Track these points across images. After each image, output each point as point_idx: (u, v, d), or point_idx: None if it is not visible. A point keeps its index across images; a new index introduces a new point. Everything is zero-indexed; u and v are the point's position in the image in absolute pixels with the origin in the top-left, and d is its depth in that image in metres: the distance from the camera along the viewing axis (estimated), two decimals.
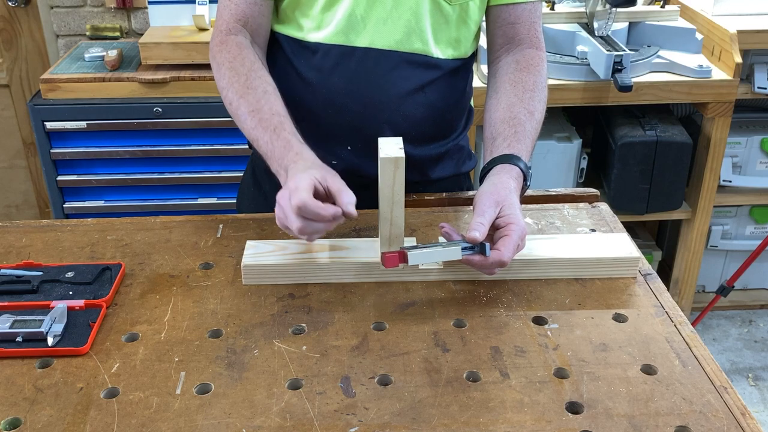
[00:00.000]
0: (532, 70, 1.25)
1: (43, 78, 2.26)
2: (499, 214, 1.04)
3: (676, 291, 2.64)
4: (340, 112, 1.24)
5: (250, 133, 1.13)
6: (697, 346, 0.96)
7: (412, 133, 1.26)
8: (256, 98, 1.14)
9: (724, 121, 2.34)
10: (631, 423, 0.84)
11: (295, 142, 1.09)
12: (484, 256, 1.01)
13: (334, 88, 1.23)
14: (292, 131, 1.11)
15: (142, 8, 2.65)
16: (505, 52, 1.29)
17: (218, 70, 1.20)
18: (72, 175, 2.36)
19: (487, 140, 1.20)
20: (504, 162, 1.13)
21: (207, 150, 2.34)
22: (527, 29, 1.28)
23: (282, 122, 1.11)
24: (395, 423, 0.84)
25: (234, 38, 1.21)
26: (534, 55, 1.27)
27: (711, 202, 2.47)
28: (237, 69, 1.17)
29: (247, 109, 1.14)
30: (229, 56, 1.19)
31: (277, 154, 1.08)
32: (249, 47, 1.21)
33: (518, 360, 0.94)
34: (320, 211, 0.97)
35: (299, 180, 0.99)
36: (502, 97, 1.23)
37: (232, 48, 1.20)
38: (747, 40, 2.32)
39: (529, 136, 1.18)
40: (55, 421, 0.85)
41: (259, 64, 1.19)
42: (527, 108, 1.20)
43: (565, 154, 2.43)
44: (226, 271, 1.12)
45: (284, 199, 1.00)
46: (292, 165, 1.05)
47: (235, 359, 0.94)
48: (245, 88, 1.15)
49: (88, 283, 1.07)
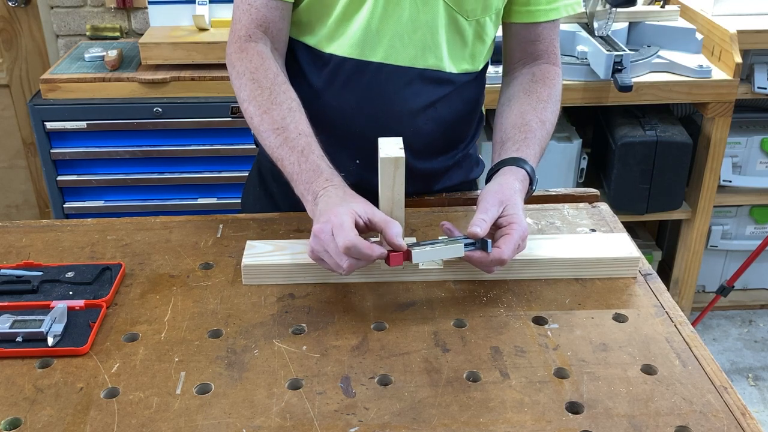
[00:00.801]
0: (547, 83, 1.25)
1: (43, 78, 2.26)
2: (502, 214, 1.04)
3: (676, 291, 2.64)
4: (349, 125, 1.23)
5: (274, 152, 1.09)
6: (697, 346, 0.96)
7: (422, 148, 1.26)
8: (281, 116, 1.10)
9: (724, 121, 2.34)
10: (631, 423, 0.84)
11: (325, 168, 1.05)
12: (484, 253, 1.01)
13: (345, 102, 1.22)
14: (320, 154, 1.07)
15: (142, 8, 2.65)
16: (521, 65, 1.30)
17: (238, 80, 1.15)
18: (72, 175, 2.36)
19: (496, 144, 1.20)
20: (511, 164, 1.13)
21: (207, 150, 2.34)
22: (546, 46, 1.28)
23: (310, 144, 1.08)
24: (395, 423, 0.84)
25: (255, 45, 1.17)
26: (550, 70, 1.27)
27: (711, 202, 2.47)
28: (260, 81, 1.13)
29: (271, 127, 1.09)
30: (251, 66, 1.14)
31: (304, 178, 1.05)
32: (271, 57, 1.17)
33: (518, 360, 0.94)
34: (369, 252, 0.95)
35: (340, 216, 0.96)
36: (515, 105, 1.23)
37: (254, 57, 1.15)
38: (747, 40, 2.32)
39: (538, 144, 1.18)
40: (55, 421, 0.85)
41: (282, 77, 1.15)
42: (539, 117, 1.20)
43: (565, 154, 2.43)
44: (226, 271, 1.12)
45: (325, 234, 0.96)
46: (322, 192, 1.02)
47: (235, 359, 0.94)
48: (269, 103, 1.11)
49: (88, 283, 1.07)
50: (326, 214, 0.98)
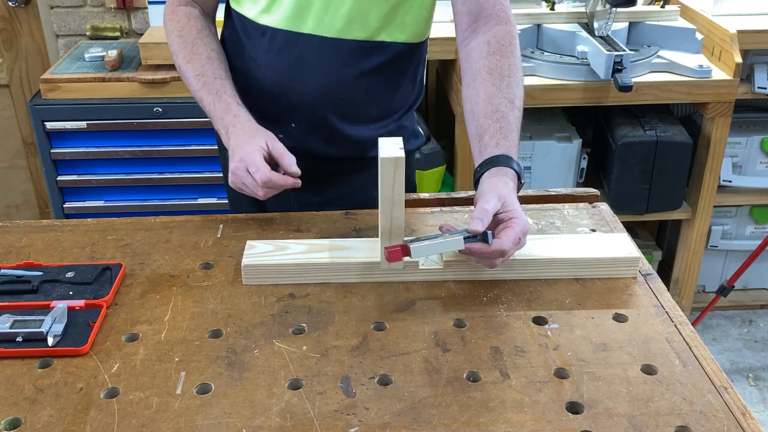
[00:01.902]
0: (505, 52, 1.21)
1: (43, 78, 2.26)
2: (501, 209, 1.04)
3: (676, 291, 2.64)
4: (286, 93, 1.30)
5: (196, 95, 1.26)
6: (697, 346, 0.96)
7: (353, 115, 1.31)
8: (200, 63, 1.27)
9: (724, 121, 2.34)
10: (631, 423, 0.84)
11: (234, 104, 1.23)
12: (485, 244, 1.00)
13: (280, 71, 1.28)
14: (232, 94, 1.24)
15: (142, 8, 2.65)
16: (473, 33, 1.25)
17: (169, 37, 1.32)
18: (72, 175, 2.36)
19: (473, 137, 1.19)
20: (498, 164, 1.12)
21: (207, 150, 2.34)
22: (492, 3, 1.24)
23: (224, 85, 1.25)
24: (395, 423, 0.84)
25: (183, 9, 1.33)
26: (504, 33, 1.23)
27: (711, 202, 2.47)
28: (185, 36, 1.29)
29: (193, 73, 1.26)
30: (179, 25, 1.31)
31: (218, 114, 1.23)
32: (198, 17, 1.32)
33: (518, 360, 0.94)
34: (282, 182, 1.14)
35: (251, 155, 1.14)
36: (480, 87, 1.20)
37: (181, 17, 1.31)
38: (747, 40, 2.32)
39: (514, 128, 1.16)
40: (55, 421, 0.85)
41: (206, 32, 1.31)
42: (507, 97, 1.18)
43: (565, 154, 2.43)
44: (226, 271, 1.12)
45: (241, 170, 1.15)
46: (231, 127, 1.20)
47: (235, 359, 0.94)
48: (191, 54, 1.27)
49: (88, 283, 1.07)
50: (238, 152, 1.16)
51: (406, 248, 1.00)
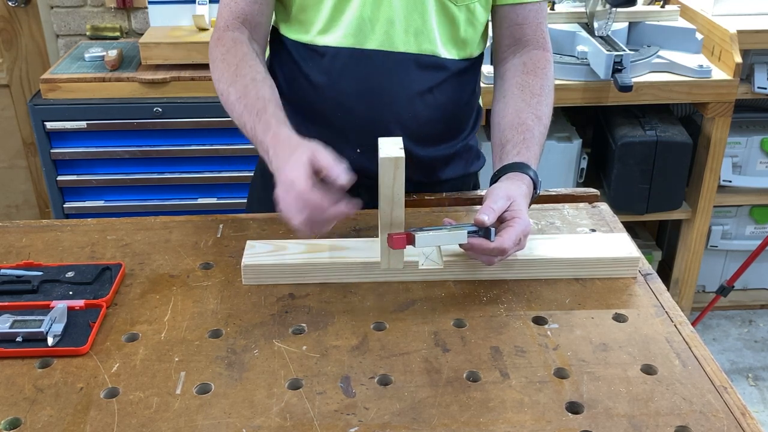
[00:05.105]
0: (539, 73, 1.25)
1: (43, 78, 2.26)
2: (508, 208, 1.04)
3: (676, 291, 2.64)
4: (350, 114, 1.24)
5: (239, 120, 1.13)
6: (697, 346, 0.96)
7: (422, 135, 1.27)
8: (244, 84, 1.13)
9: (724, 121, 2.34)
10: (631, 423, 0.84)
11: (274, 123, 1.07)
12: (485, 240, 1.01)
13: (344, 91, 1.23)
14: (273, 113, 1.09)
15: (142, 8, 2.65)
16: (512, 54, 1.29)
17: (213, 65, 1.21)
18: (72, 175, 2.36)
19: (496, 146, 1.21)
20: (515, 170, 1.13)
21: (207, 150, 2.34)
22: (533, 30, 1.27)
23: (265, 106, 1.10)
24: (395, 423, 0.84)
25: (230, 34, 1.21)
26: (541, 57, 1.27)
27: (711, 202, 2.47)
28: (228, 60, 1.17)
29: (235, 96, 1.13)
30: (223, 50, 1.19)
31: (258, 137, 1.08)
32: (245, 42, 1.21)
33: (518, 360, 0.94)
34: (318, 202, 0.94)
35: (291, 172, 0.96)
36: (510, 102, 1.23)
37: (227, 42, 1.20)
38: (747, 40, 2.32)
39: (537, 142, 1.18)
40: (55, 421, 0.85)
41: (252, 55, 1.19)
42: (535, 113, 1.20)
43: (565, 154, 2.43)
44: (226, 271, 1.12)
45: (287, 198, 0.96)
46: (271, 149, 1.03)
47: (235, 359, 0.94)
48: (234, 76, 1.15)
49: (88, 283, 1.07)
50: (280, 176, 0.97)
51: (411, 237, 1.00)
